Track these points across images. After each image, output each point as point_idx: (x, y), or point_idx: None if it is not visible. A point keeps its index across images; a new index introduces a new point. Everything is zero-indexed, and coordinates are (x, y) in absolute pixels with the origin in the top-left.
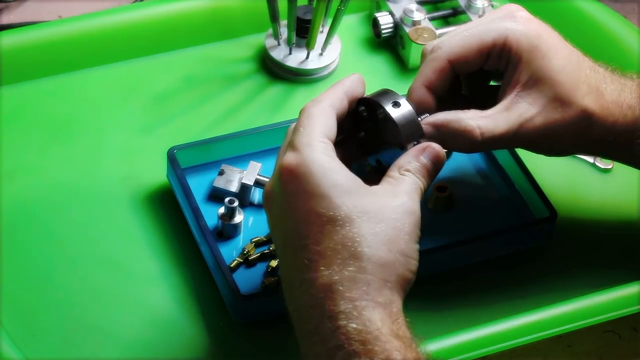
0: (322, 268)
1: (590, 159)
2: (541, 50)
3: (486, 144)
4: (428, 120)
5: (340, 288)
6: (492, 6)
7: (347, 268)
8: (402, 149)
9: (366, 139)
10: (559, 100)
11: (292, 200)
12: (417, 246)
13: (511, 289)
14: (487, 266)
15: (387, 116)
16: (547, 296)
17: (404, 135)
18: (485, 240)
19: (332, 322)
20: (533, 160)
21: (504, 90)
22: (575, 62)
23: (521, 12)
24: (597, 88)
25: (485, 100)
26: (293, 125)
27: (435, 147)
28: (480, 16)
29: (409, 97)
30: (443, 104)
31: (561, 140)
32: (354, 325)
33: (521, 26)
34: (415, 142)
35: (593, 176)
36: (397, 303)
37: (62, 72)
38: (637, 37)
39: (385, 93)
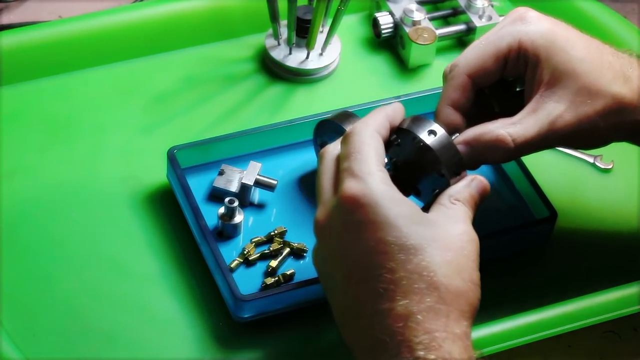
0: (398, 298)
1: (590, 158)
2: (558, 45)
3: (520, 150)
4: (459, 139)
5: (420, 318)
6: (492, 6)
7: (425, 298)
8: (442, 176)
9: (396, 164)
10: (586, 91)
11: (359, 229)
12: (479, 274)
13: (511, 289)
14: (486, 266)
15: (425, 146)
16: (547, 296)
17: (443, 163)
18: (485, 240)
19: (411, 353)
20: (533, 160)
21: (528, 94)
22: (596, 50)
23: (530, 13)
24: (622, 73)
25: (518, 109)
26: (333, 148)
27: (483, 179)
28: (480, 16)
29: (436, 119)
30: (474, 123)
31: (596, 132)
32: (433, 357)
33: (533, 26)
34: (454, 168)
35: (593, 176)
36: (470, 335)
37: (62, 72)
38: (637, 37)
39: (417, 120)
